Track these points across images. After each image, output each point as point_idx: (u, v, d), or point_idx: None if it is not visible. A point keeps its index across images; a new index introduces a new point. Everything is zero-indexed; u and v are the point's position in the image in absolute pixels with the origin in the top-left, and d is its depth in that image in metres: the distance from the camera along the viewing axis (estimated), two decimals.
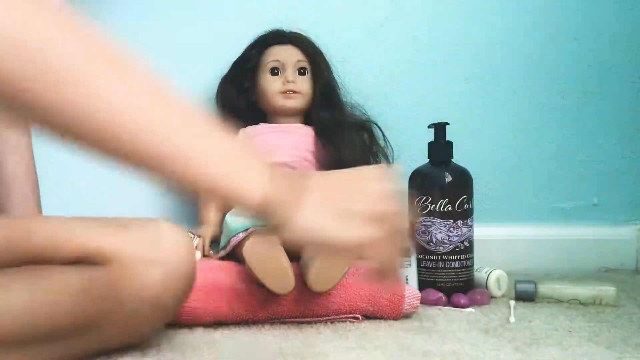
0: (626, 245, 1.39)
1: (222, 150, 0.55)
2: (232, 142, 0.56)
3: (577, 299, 1.06)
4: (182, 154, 0.53)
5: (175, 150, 0.52)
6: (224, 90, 1.28)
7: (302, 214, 0.54)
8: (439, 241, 1.10)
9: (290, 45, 1.26)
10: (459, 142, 1.19)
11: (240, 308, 0.94)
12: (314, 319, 0.96)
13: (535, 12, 1.37)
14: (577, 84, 1.39)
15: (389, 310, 0.96)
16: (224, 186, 0.54)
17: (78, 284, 0.72)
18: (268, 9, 1.35)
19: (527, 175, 1.39)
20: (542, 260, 1.36)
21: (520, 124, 1.39)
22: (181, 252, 0.77)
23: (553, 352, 0.80)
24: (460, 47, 1.37)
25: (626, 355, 0.79)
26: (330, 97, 1.26)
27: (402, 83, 1.37)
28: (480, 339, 0.87)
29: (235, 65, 1.27)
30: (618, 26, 1.38)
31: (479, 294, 1.07)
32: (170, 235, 0.77)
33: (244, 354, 0.81)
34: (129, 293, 0.73)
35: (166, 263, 0.75)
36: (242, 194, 0.54)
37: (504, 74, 1.38)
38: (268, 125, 1.26)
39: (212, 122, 0.56)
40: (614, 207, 1.41)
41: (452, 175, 1.12)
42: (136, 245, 0.74)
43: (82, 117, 0.50)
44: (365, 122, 1.28)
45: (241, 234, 1.08)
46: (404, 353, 0.81)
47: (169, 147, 0.52)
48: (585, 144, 1.40)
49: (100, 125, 0.50)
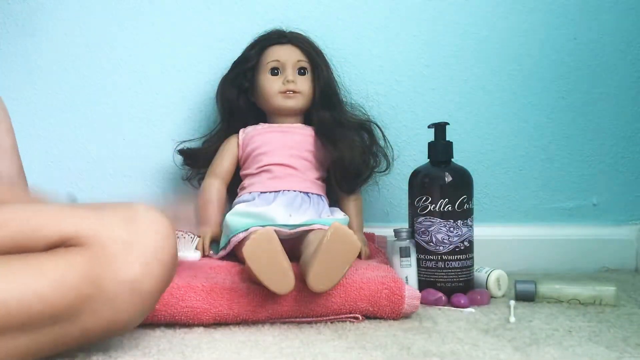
0: (626, 245, 1.39)
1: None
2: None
3: (577, 299, 1.06)
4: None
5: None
6: (224, 90, 1.28)
7: None
8: (439, 241, 1.10)
9: (290, 45, 1.26)
10: (459, 142, 1.19)
11: (240, 308, 0.94)
12: (314, 319, 0.96)
13: (535, 12, 1.37)
14: (577, 84, 1.39)
15: (389, 310, 0.96)
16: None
17: (55, 269, 0.71)
18: (268, 9, 1.35)
19: (527, 175, 1.39)
20: (542, 260, 1.36)
21: (520, 124, 1.39)
22: (160, 234, 0.75)
23: (553, 352, 0.80)
24: (460, 47, 1.37)
25: (626, 355, 0.80)
26: (330, 97, 1.26)
27: (402, 83, 1.37)
28: (480, 339, 0.87)
29: (235, 65, 1.27)
30: (618, 26, 1.38)
31: (479, 294, 1.07)
32: (147, 217, 0.76)
33: (244, 354, 0.81)
34: (107, 276, 0.72)
35: (144, 245, 0.74)
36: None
37: (504, 74, 1.38)
38: (268, 125, 1.26)
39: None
40: (614, 207, 1.41)
41: (452, 175, 1.12)
42: (113, 227, 0.73)
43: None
44: (365, 122, 1.28)
45: (241, 234, 1.09)
46: (404, 353, 0.81)
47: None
48: (585, 144, 1.40)
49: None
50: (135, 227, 0.74)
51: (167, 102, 1.35)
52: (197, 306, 0.93)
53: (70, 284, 0.71)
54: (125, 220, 0.74)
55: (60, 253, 0.72)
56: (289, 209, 1.13)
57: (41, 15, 1.32)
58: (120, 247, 0.73)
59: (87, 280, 0.71)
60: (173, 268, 0.78)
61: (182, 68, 1.35)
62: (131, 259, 0.73)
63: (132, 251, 0.73)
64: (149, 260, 0.74)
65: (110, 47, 1.34)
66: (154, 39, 1.35)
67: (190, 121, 1.35)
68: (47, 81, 1.34)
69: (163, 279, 0.76)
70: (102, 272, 0.72)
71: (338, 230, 0.93)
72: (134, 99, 1.35)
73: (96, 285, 0.71)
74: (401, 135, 1.36)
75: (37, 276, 0.70)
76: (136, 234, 0.74)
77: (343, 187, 1.23)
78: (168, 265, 0.76)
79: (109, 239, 0.73)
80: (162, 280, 0.76)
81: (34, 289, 0.70)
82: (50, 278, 0.70)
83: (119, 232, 0.73)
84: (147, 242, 0.74)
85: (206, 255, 1.16)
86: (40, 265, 0.71)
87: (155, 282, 0.75)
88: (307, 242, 1.05)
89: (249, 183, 1.21)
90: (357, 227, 1.24)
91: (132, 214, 0.75)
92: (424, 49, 1.37)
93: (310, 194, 1.19)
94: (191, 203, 1.02)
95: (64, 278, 0.71)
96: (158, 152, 1.34)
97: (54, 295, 0.70)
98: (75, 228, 0.73)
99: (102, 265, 0.72)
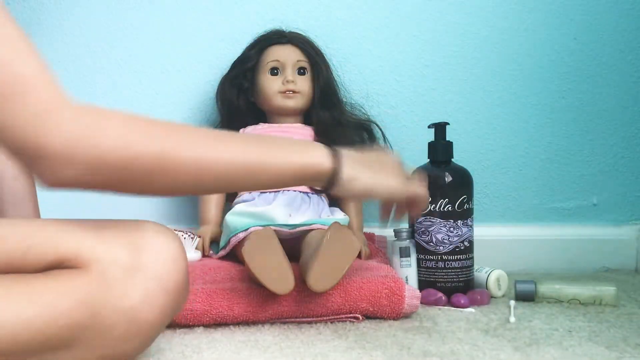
0: (626, 245, 1.39)
1: (290, 144, 0.78)
2: (289, 139, 0.83)
3: (577, 299, 1.06)
4: (274, 160, 0.74)
5: (269, 160, 0.74)
6: (224, 90, 1.28)
7: (346, 172, 0.77)
8: (439, 241, 1.10)
9: (290, 45, 1.26)
10: (459, 142, 1.19)
11: (240, 309, 0.94)
12: (314, 319, 0.96)
13: (535, 12, 1.37)
14: (577, 84, 1.39)
15: (389, 310, 0.96)
16: (306, 164, 0.75)
17: (47, 294, 0.64)
18: (268, 9, 1.35)
19: (527, 175, 1.39)
20: (542, 260, 1.36)
21: (520, 124, 1.39)
22: (168, 260, 0.68)
23: (553, 352, 0.80)
24: (460, 47, 1.37)
25: (626, 355, 0.80)
26: (330, 96, 1.26)
27: (402, 83, 1.37)
28: (480, 339, 0.87)
29: (235, 65, 1.27)
30: (618, 26, 1.38)
31: (479, 294, 1.07)
32: (156, 240, 0.69)
33: (244, 354, 0.81)
34: (105, 304, 0.65)
35: (148, 271, 0.67)
36: (319, 165, 0.76)
37: (504, 74, 1.38)
38: (268, 125, 1.26)
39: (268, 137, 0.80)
40: (614, 207, 1.41)
41: (452, 175, 1.12)
42: (116, 249, 0.67)
43: (217, 168, 0.71)
44: (365, 122, 1.28)
45: (241, 234, 1.09)
46: (404, 353, 0.81)
47: (267, 160, 0.74)
48: (585, 143, 1.40)
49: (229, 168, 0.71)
50: (139, 250, 0.67)
51: (167, 102, 1.35)
52: (197, 308, 0.93)
53: (62, 310, 0.64)
54: (129, 242, 0.68)
55: (55, 275, 0.66)
56: (288, 209, 1.13)
57: (41, 15, 1.32)
58: (121, 272, 0.66)
59: (82, 307, 0.65)
60: (180, 297, 0.71)
61: (182, 68, 1.35)
62: (131, 286, 0.66)
63: (133, 277, 0.66)
64: (152, 288, 0.67)
65: (110, 47, 1.34)
66: (154, 39, 1.35)
67: (190, 121, 1.35)
68: None
69: (167, 309, 0.69)
70: (100, 299, 0.65)
71: (338, 230, 0.93)
72: (134, 99, 1.35)
73: (92, 313, 0.65)
74: (401, 135, 1.36)
75: (26, 302, 0.64)
76: (139, 258, 0.67)
77: None
78: (174, 294, 0.69)
79: (109, 263, 0.66)
80: (165, 310, 0.69)
81: (21, 316, 0.63)
82: (41, 304, 0.64)
83: (121, 255, 0.67)
84: (151, 268, 0.67)
85: (206, 255, 1.17)
86: (32, 288, 0.65)
87: (157, 313, 0.68)
88: (307, 242, 1.05)
89: None
90: (357, 227, 1.24)
91: (139, 236, 0.69)
92: (424, 49, 1.37)
93: (310, 193, 1.19)
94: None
95: (56, 304, 0.64)
96: None
97: (44, 323, 0.64)
98: (75, 248, 0.66)
99: (100, 291, 0.65)
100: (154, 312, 0.68)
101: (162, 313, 0.69)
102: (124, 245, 0.67)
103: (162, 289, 0.68)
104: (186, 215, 1.35)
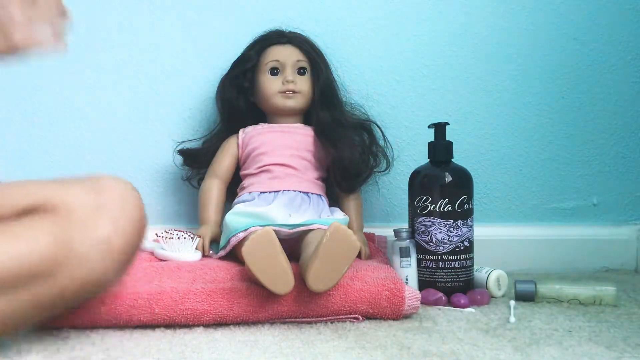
0: (626, 245, 1.39)
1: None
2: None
3: (577, 299, 1.06)
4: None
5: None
6: (223, 90, 1.28)
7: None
8: (439, 241, 1.10)
9: (290, 45, 1.26)
10: (459, 142, 1.19)
11: (240, 309, 0.94)
12: (314, 319, 0.96)
13: (535, 12, 1.37)
14: (577, 84, 1.39)
15: (389, 311, 0.96)
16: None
17: (27, 232, 0.74)
18: (268, 9, 1.35)
19: (527, 175, 1.39)
20: (542, 260, 1.36)
21: (520, 124, 1.39)
22: (126, 197, 0.79)
23: (553, 352, 0.80)
24: (460, 47, 1.37)
25: (626, 355, 0.80)
26: (330, 97, 1.26)
27: (402, 83, 1.37)
28: (480, 339, 0.87)
29: (235, 65, 1.27)
30: (618, 26, 1.38)
31: (479, 294, 1.07)
32: (113, 184, 0.80)
33: (244, 354, 0.81)
34: (78, 239, 0.75)
35: (112, 207, 0.77)
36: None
37: (504, 74, 1.38)
38: (268, 125, 1.26)
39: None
40: (614, 207, 1.41)
41: (452, 175, 1.12)
42: (81, 194, 0.77)
43: None
44: (365, 122, 1.28)
45: (241, 234, 1.09)
46: (404, 353, 0.81)
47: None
48: (585, 144, 1.40)
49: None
50: (100, 192, 0.78)
51: (167, 102, 1.35)
52: (197, 308, 0.93)
53: (42, 245, 0.74)
54: (91, 187, 0.78)
55: (30, 219, 0.75)
56: (288, 209, 1.13)
57: None
58: (89, 211, 0.76)
59: (59, 243, 0.74)
60: (143, 227, 0.82)
61: (182, 68, 1.35)
62: (100, 220, 0.76)
63: (100, 213, 0.77)
64: (118, 219, 0.78)
65: (110, 47, 1.34)
66: (154, 39, 1.35)
67: (190, 121, 1.35)
68: (47, 81, 1.34)
69: (134, 236, 0.80)
70: (73, 235, 0.75)
71: (337, 230, 0.93)
72: (134, 99, 1.35)
73: (68, 248, 0.75)
74: (401, 135, 1.36)
75: (11, 239, 0.74)
76: (103, 199, 0.78)
77: (343, 187, 1.23)
78: (137, 223, 0.80)
79: (76, 205, 0.76)
80: (132, 237, 0.79)
81: (9, 251, 0.73)
82: (24, 240, 0.74)
83: (86, 198, 0.77)
84: (114, 205, 0.78)
85: (206, 255, 1.16)
86: (13, 229, 0.74)
87: (126, 240, 0.78)
88: (307, 242, 1.04)
89: (249, 183, 1.21)
90: (357, 227, 1.24)
91: (98, 183, 0.79)
92: (424, 49, 1.37)
93: (310, 194, 1.19)
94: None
95: (37, 240, 0.74)
96: (158, 152, 1.35)
97: (30, 256, 0.73)
98: (44, 195, 0.76)
99: (72, 229, 0.75)
100: (123, 240, 0.78)
101: (131, 240, 0.79)
102: (87, 191, 0.78)
103: (128, 218, 0.79)
104: (186, 215, 1.35)
